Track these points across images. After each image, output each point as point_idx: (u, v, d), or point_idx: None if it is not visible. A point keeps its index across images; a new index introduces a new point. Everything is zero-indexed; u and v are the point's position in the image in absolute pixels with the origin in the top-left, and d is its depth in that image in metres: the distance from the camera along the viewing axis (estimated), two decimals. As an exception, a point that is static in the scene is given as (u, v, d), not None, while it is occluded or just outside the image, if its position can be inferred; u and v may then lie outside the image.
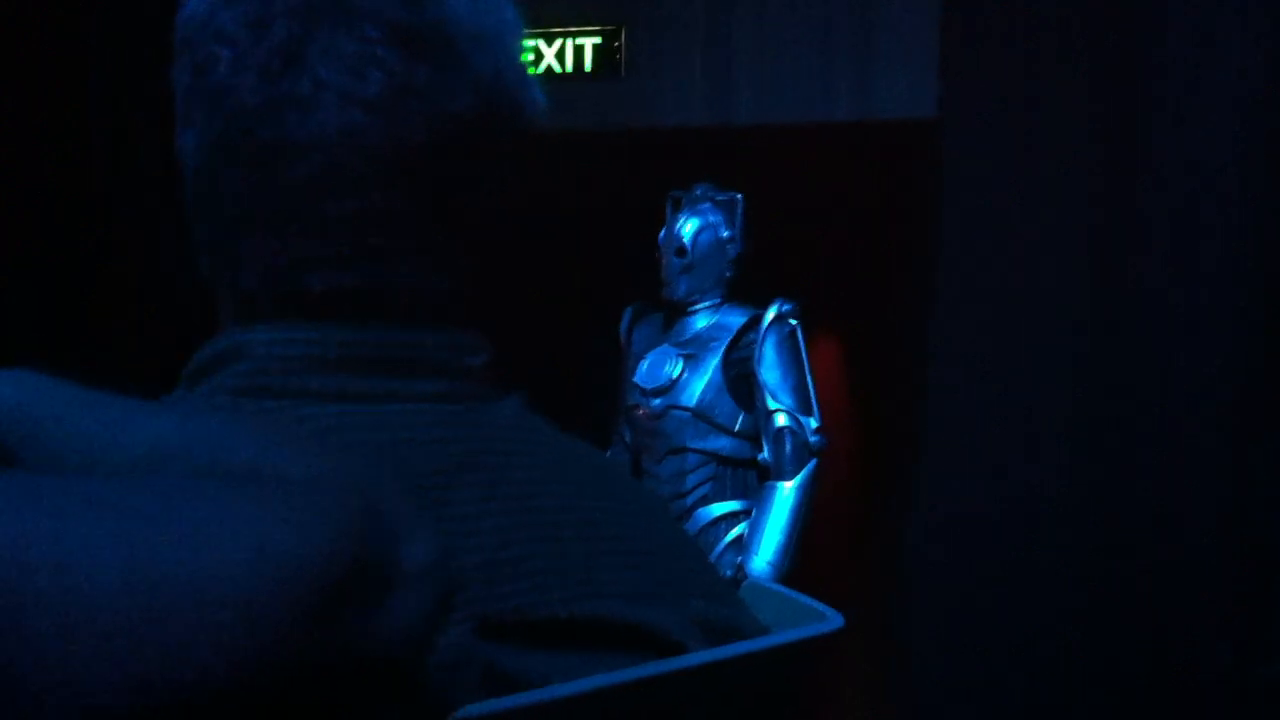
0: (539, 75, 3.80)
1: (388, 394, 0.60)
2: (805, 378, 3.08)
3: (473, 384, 0.63)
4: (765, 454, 3.05)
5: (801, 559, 3.10)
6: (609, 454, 3.33)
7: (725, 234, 3.15)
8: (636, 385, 3.20)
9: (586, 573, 0.57)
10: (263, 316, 0.61)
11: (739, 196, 3.17)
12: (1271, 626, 2.83)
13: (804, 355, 3.09)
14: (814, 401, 3.07)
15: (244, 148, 0.60)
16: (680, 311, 3.18)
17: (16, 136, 3.41)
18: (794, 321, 3.10)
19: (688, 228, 3.13)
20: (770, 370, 3.07)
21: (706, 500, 3.12)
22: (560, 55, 3.80)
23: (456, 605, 0.51)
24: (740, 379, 3.10)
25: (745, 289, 3.22)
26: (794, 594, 0.65)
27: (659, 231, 3.19)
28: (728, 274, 3.17)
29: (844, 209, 4.46)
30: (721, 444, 3.11)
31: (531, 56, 3.77)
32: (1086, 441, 3.28)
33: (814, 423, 3.05)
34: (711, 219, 3.15)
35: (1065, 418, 3.33)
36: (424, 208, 0.62)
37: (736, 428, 3.11)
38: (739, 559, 3.01)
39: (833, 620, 0.59)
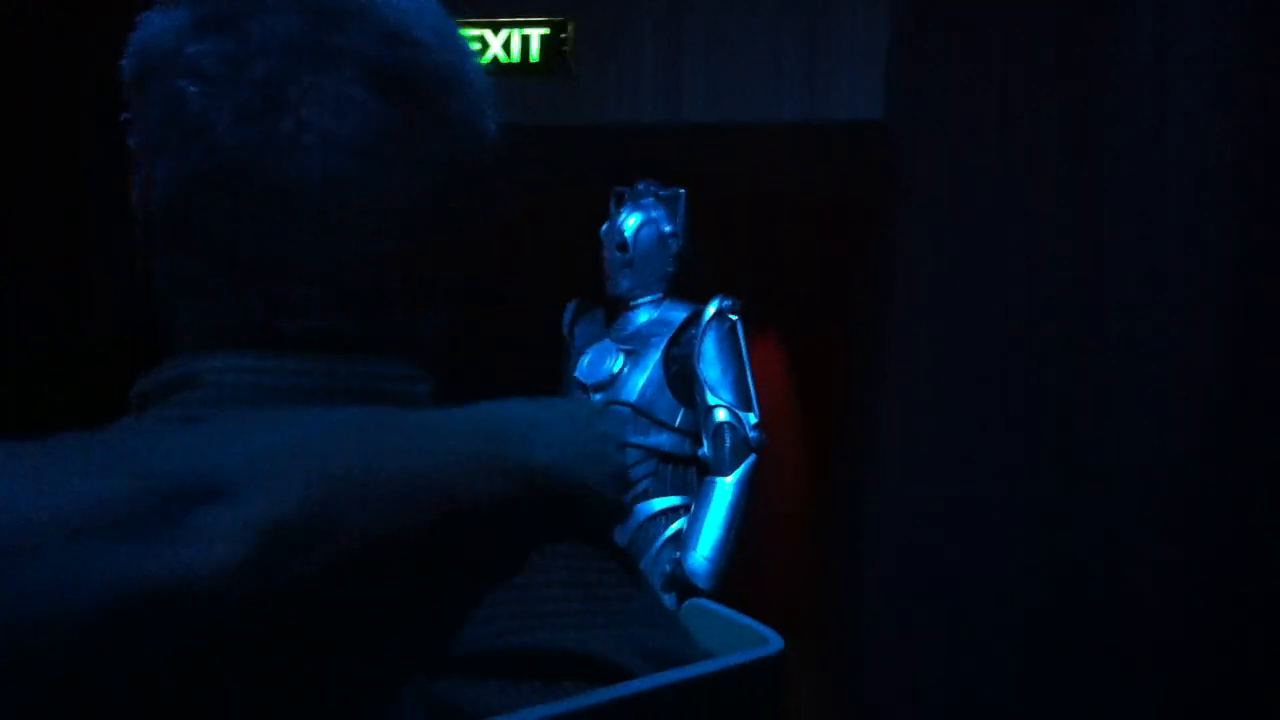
0: (485, 66, 3.80)
1: None
2: (745, 374, 3.09)
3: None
4: (705, 449, 3.06)
5: (746, 557, 3.11)
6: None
7: (667, 229, 3.15)
8: (578, 380, 3.19)
9: (532, 603, 0.57)
10: (220, 346, 0.60)
11: (682, 192, 3.17)
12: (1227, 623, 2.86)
13: (744, 351, 3.10)
14: (754, 398, 3.08)
15: (222, 188, 0.59)
16: (622, 307, 3.18)
17: (13, 137, 3.39)
18: (734, 317, 3.11)
19: (630, 223, 3.13)
20: (710, 366, 3.07)
21: (646, 495, 3.12)
22: (506, 45, 3.79)
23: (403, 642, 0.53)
24: (680, 375, 3.11)
25: (690, 286, 3.22)
26: (736, 615, 0.65)
27: (601, 226, 3.19)
28: (669, 269, 3.17)
29: (791, 208, 4.48)
30: (661, 439, 3.11)
31: (478, 46, 3.75)
32: (1039, 441, 3.31)
33: (753, 418, 3.05)
34: (654, 214, 3.15)
35: (1016, 418, 3.35)
36: (400, 251, 0.62)
37: (677, 423, 3.11)
38: (677, 554, 3.01)
39: (774, 643, 0.59)
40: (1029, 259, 3.36)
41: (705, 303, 3.12)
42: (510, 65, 3.79)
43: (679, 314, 3.14)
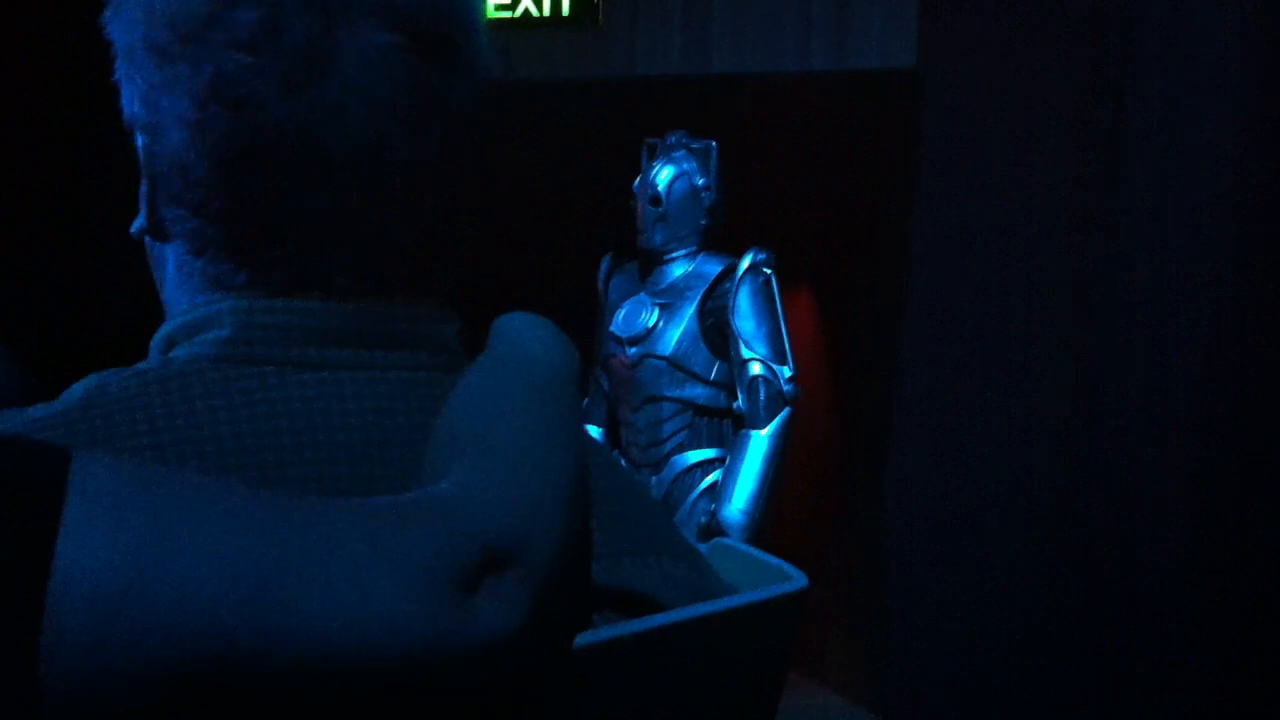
0: (516, 19, 3.78)
1: (368, 363, 0.60)
2: (780, 327, 3.09)
3: (446, 354, 0.63)
4: (740, 403, 3.07)
5: (776, 510, 3.13)
6: (585, 403, 3.35)
7: (700, 182, 3.14)
8: (613, 334, 3.21)
9: None
10: (235, 291, 0.60)
11: (713, 144, 3.16)
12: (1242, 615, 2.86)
13: (778, 304, 3.10)
14: (788, 351, 3.09)
15: (274, 157, 0.58)
16: (656, 260, 3.19)
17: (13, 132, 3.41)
18: (768, 271, 3.11)
19: (663, 176, 3.12)
20: (745, 319, 3.08)
21: (682, 448, 3.14)
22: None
23: None
24: (715, 328, 3.11)
25: (721, 238, 3.22)
26: (760, 554, 0.66)
27: (634, 180, 3.18)
28: (703, 222, 3.17)
29: (821, 159, 4.46)
30: (696, 393, 3.13)
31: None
32: (1066, 393, 3.30)
33: (788, 371, 3.07)
34: (686, 167, 3.14)
35: (1044, 370, 3.35)
36: (435, 203, 0.62)
37: (711, 376, 3.12)
38: (712, 506, 3.04)
39: (797, 580, 0.60)
40: (1057, 211, 3.34)
41: (739, 256, 3.12)
42: (540, 19, 3.77)
43: (714, 267, 3.14)
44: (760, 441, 3.03)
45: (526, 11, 3.76)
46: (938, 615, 3.56)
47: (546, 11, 3.75)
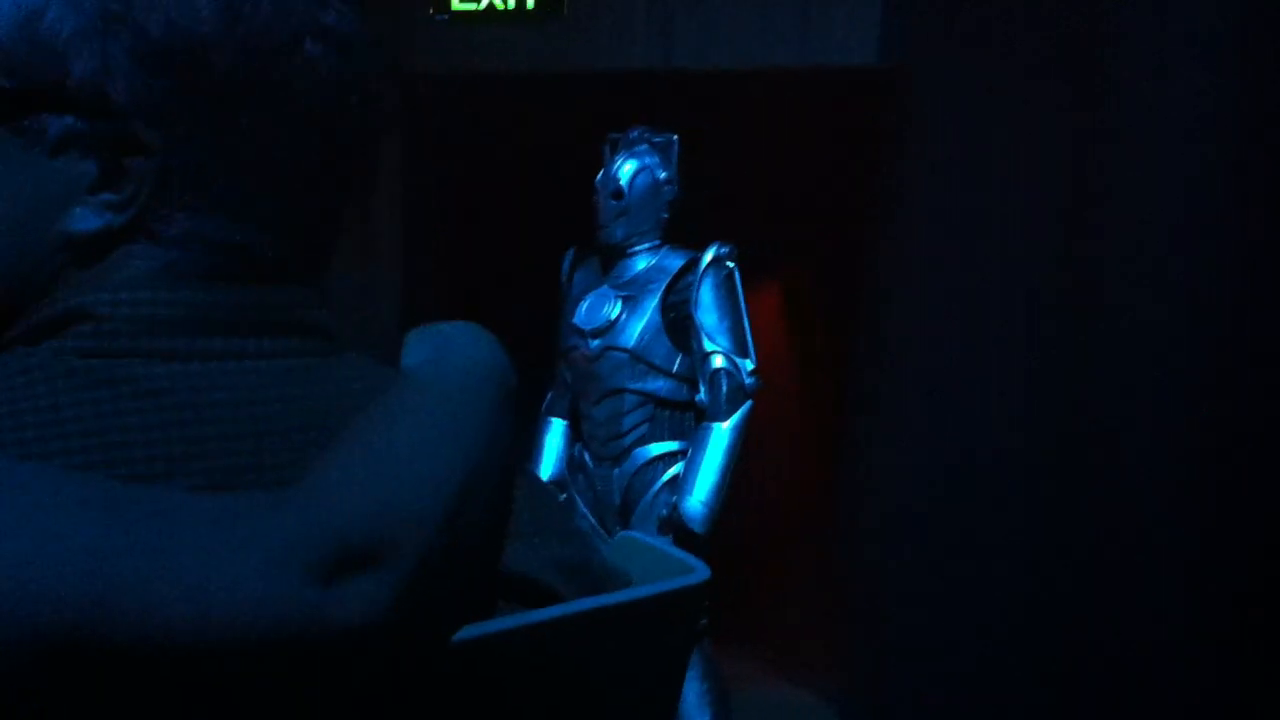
0: (481, 12, 3.77)
1: (237, 353, 0.59)
2: (742, 320, 3.10)
3: (318, 340, 0.63)
4: (701, 395, 3.09)
5: (740, 502, 3.14)
6: (549, 396, 3.35)
7: (662, 175, 3.15)
8: (575, 327, 3.21)
9: None
10: (100, 281, 0.59)
11: (675, 138, 3.17)
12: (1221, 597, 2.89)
13: (741, 297, 3.12)
14: (750, 344, 3.10)
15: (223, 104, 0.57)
16: (619, 254, 3.19)
17: None
18: (731, 264, 3.12)
19: (625, 169, 3.13)
20: (707, 312, 3.09)
21: (643, 441, 3.15)
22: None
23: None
24: (678, 321, 3.12)
25: (684, 232, 3.23)
26: (665, 546, 0.67)
27: (597, 174, 3.19)
28: (664, 216, 3.18)
29: (787, 153, 4.48)
30: (658, 385, 3.14)
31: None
32: (1040, 389, 3.32)
33: (749, 364, 3.08)
34: (648, 161, 3.15)
35: (1015, 375, 3.36)
36: (314, 195, 0.62)
37: (674, 369, 3.13)
38: (673, 499, 3.05)
39: (700, 573, 0.61)
40: (1028, 207, 3.36)
41: (702, 249, 3.13)
42: (505, 12, 3.76)
43: (676, 260, 3.16)
44: (721, 434, 3.05)
45: (491, 5, 3.76)
46: (911, 610, 3.57)
47: (511, 4, 3.75)
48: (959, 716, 3.38)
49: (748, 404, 3.06)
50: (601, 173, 3.17)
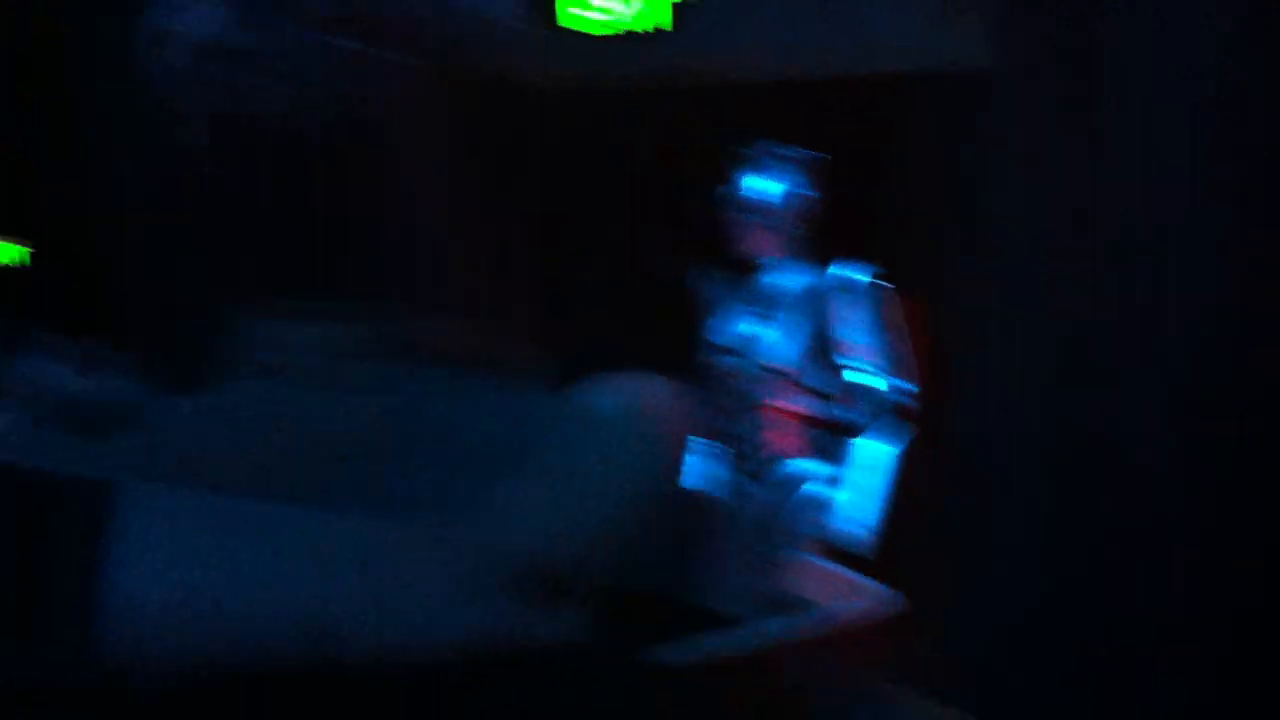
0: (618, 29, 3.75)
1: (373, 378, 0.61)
2: (884, 337, 3.05)
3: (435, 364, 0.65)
4: (846, 412, 3.04)
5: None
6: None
7: (796, 190, 3.13)
8: (710, 343, 3.20)
9: None
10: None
11: (810, 152, 3.14)
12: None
13: (881, 314, 3.07)
14: (893, 361, 3.05)
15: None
16: (752, 268, 3.17)
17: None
18: (872, 279, 3.07)
19: (760, 183, 3.11)
20: (847, 329, 3.05)
21: (782, 458, 3.12)
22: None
23: None
24: (819, 337, 3.09)
25: (818, 247, 3.19)
26: (844, 570, 0.71)
27: (729, 187, 3.16)
28: (799, 230, 3.15)
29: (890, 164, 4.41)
30: (797, 401, 3.10)
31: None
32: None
33: (896, 382, 3.03)
34: (782, 175, 3.13)
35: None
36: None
37: (813, 386, 3.10)
38: (819, 517, 3.01)
39: (892, 597, 0.65)
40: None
41: (837, 264, 3.09)
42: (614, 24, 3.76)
43: (816, 277, 3.12)
44: (871, 452, 3.00)
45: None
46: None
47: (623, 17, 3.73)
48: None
49: (897, 421, 3.01)
50: (736, 185, 3.15)
